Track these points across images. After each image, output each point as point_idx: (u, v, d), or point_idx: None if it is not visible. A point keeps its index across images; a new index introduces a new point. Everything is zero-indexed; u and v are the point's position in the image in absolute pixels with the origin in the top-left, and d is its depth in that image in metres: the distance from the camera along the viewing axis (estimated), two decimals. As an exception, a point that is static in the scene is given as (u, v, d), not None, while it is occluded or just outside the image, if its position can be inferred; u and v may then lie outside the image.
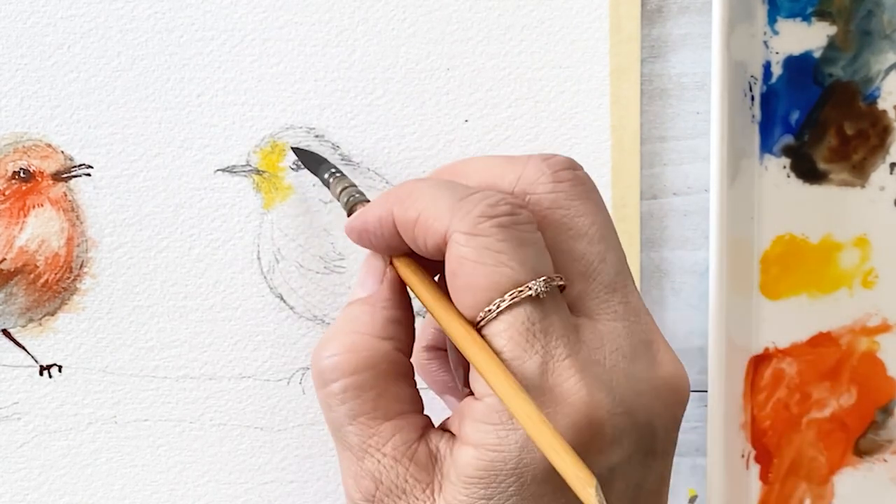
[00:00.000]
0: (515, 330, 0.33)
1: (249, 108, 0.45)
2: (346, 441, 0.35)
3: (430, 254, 0.35)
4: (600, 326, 0.35)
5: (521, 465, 0.33)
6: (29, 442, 0.46)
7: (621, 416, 0.34)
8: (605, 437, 0.33)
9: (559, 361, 0.33)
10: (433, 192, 0.35)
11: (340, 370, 0.35)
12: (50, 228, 0.45)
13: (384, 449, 0.35)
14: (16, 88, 0.44)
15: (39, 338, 0.46)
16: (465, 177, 0.37)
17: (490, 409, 0.33)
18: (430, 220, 0.34)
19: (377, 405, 0.35)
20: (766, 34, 0.48)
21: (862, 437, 0.51)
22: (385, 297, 0.37)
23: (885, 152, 0.49)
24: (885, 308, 0.50)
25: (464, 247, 0.34)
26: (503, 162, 0.36)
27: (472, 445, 0.34)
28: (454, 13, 0.46)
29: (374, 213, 0.37)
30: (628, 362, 0.35)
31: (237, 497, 0.47)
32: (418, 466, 0.35)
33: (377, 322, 0.36)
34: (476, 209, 0.34)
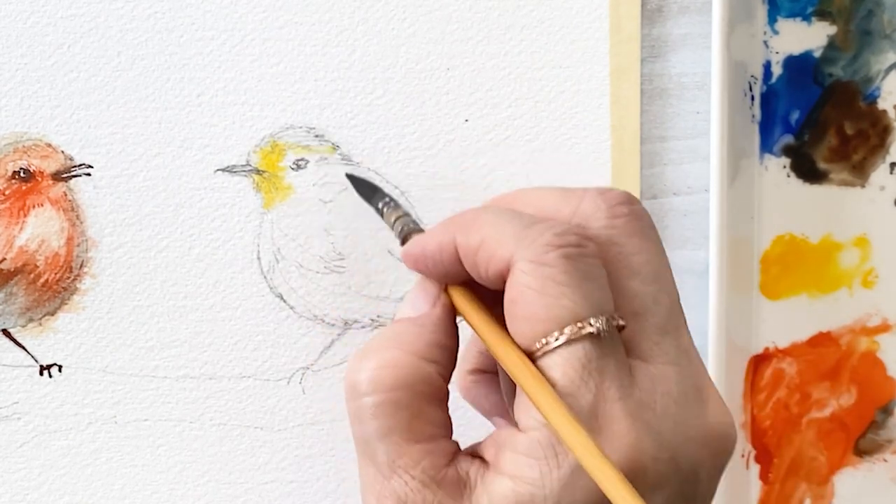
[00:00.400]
0: (571, 366, 0.33)
1: (249, 108, 0.45)
2: (373, 457, 0.35)
3: (491, 281, 0.35)
4: (652, 369, 0.34)
5: (562, 502, 0.33)
6: (29, 442, 0.46)
7: (666, 462, 0.33)
8: (648, 482, 0.33)
9: (611, 403, 0.33)
10: (497, 219, 0.35)
11: (379, 384, 0.34)
12: (50, 228, 0.45)
13: (413, 471, 0.34)
14: (16, 88, 0.44)
15: (39, 338, 0.46)
16: (521, 207, 0.36)
17: (535, 443, 0.33)
18: (494, 247, 0.34)
19: (411, 426, 0.34)
20: (766, 34, 0.48)
21: (862, 437, 0.51)
22: (435, 320, 0.36)
23: (885, 152, 0.49)
24: (885, 308, 0.50)
25: (527, 275, 0.33)
26: (559, 194, 0.36)
27: (509, 477, 0.33)
28: (454, 13, 0.46)
29: (434, 240, 0.36)
30: (678, 408, 0.34)
31: (237, 497, 0.47)
32: (446, 492, 0.34)
33: (423, 343, 0.35)
34: (542, 238, 0.33)
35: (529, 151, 0.46)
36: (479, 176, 0.46)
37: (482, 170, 0.46)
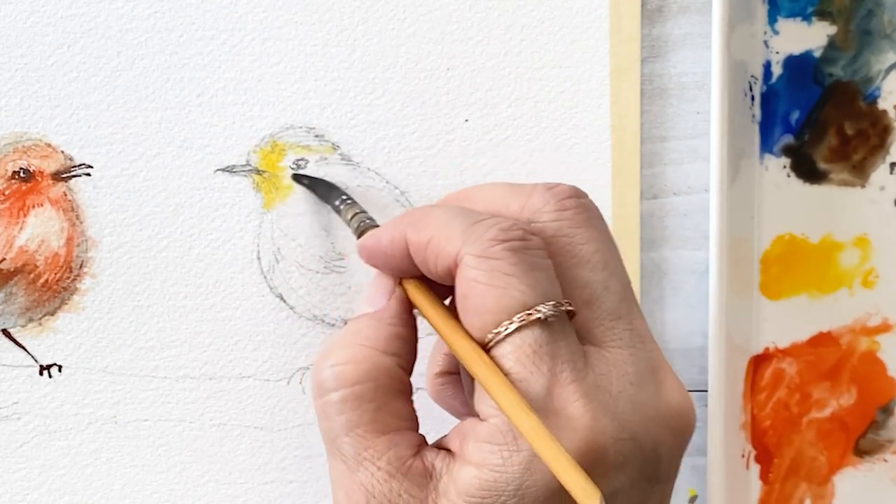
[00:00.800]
0: (522, 352, 0.33)
1: (249, 108, 0.45)
2: (340, 452, 0.35)
3: (440, 277, 0.36)
4: (606, 353, 0.35)
5: (524, 486, 0.33)
6: (29, 442, 0.46)
7: (626, 441, 0.34)
8: (609, 462, 0.33)
9: (565, 385, 0.33)
10: (446, 216, 0.36)
11: (342, 380, 0.35)
12: (50, 228, 0.45)
13: (379, 462, 0.35)
14: (16, 88, 0.44)
15: (39, 338, 0.46)
16: (471, 204, 0.37)
17: (495, 430, 0.33)
18: (442, 244, 0.35)
19: (375, 418, 0.35)
20: (767, 34, 0.48)
21: (862, 437, 0.51)
22: (392, 313, 0.37)
23: (886, 152, 0.49)
24: (885, 308, 0.50)
25: (474, 269, 0.34)
26: (508, 190, 0.37)
27: (473, 465, 0.34)
28: (454, 13, 0.46)
29: (387, 235, 0.37)
30: (635, 389, 0.35)
31: (237, 497, 0.47)
32: (412, 482, 0.35)
33: (382, 336, 0.36)
34: (488, 233, 0.34)
35: (529, 151, 0.46)
36: (479, 176, 0.46)
37: (482, 170, 0.46)
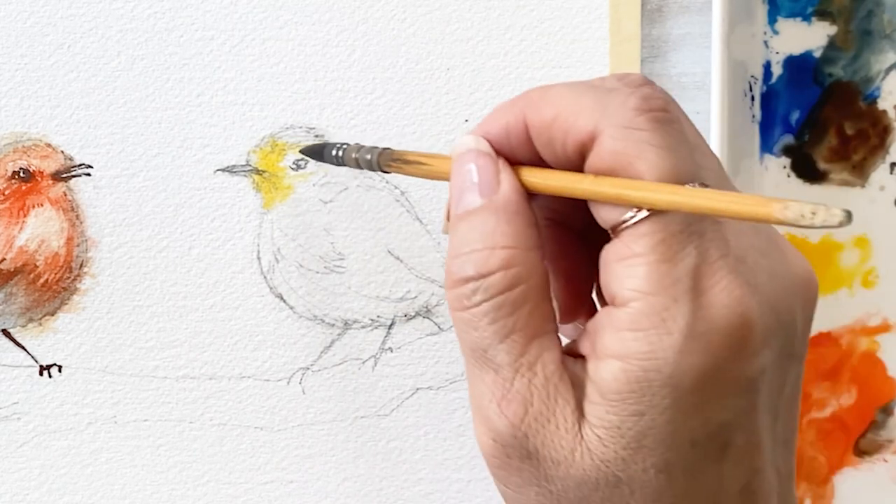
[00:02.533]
0: (669, 231, 0.31)
1: (249, 108, 0.45)
2: (492, 362, 0.33)
3: (569, 157, 0.33)
4: (732, 228, 0.33)
5: (678, 371, 0.31)
6: (29, 442, 0.46)
7: (769, 315, 0.32)
8: (757, 338, 0.32)
9: (712, 263, 0.32)
10: (572, 90, 0.33)
11: (496, 288, 0.33)
12: (50, 228, 0.45)
13: (535, 368, 0.32)
14: (16, 88, 0.44)
15: (39, 338, 0.46)
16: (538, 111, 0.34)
17: (638, 314, 0.31)
18: (573, 118, 0.32)
19: (528, 322, 0.33)
20: (767, 34, 0.48)
21: (862, 437, 0.51)
22: (517, 199, 0.34)
23: (885, 152, 0.49)
24: (885, 308, 0.50)
25: (620, 141, 0.32)
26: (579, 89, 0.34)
27: (616, 357, 0.31)
28: (454, 13, 0.46)
29: (499, 122, 0.34)
30: (767, 260, 0.33)
31: (237, 497, 0.47)
32: (566, 387, 0.32)
33: (519, 230, 0.33)
34: (629, 102, 0.32)
35: (529, 151, 0.46)
36: (479, 176, 0.46)
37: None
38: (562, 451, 0.32)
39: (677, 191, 0.31)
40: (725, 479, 0.33)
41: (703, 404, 0.32)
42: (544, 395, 0.33)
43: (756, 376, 0.32)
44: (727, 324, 0.31)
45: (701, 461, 0.32)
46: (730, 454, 0.33)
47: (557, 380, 0.33)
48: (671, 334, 0.31)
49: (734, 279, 0.32)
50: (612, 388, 0.32)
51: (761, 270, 0.33)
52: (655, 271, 0.31)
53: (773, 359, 0.33)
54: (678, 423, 0.32)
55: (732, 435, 0.33)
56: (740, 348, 0.32)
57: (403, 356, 0.47)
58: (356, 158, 0.39)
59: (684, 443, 0.32)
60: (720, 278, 0.32)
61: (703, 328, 0.31)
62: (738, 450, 0.33)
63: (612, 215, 0.32)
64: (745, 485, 0.33)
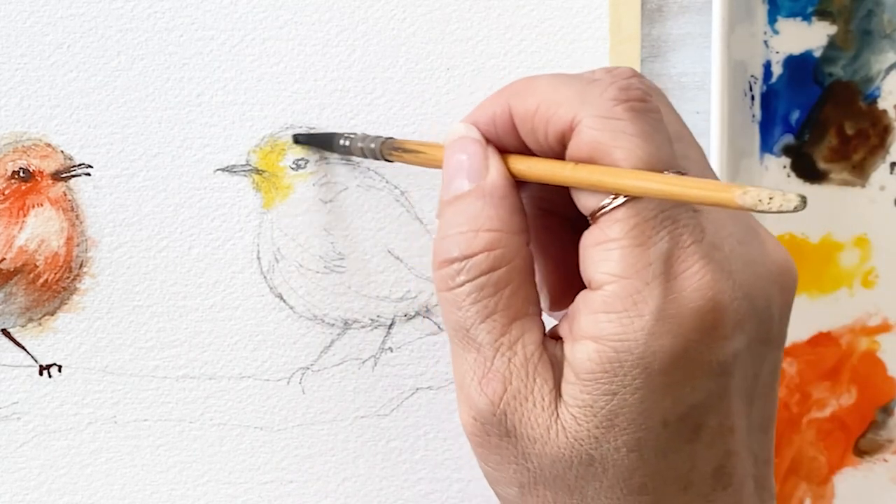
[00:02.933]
0: (643, 217, 0.32)
1: (249, 108, 0.45)
2: (474, 341, 0.34)
3: (550, 145, 0.34)
4: (709, 215, 0.34)
5: (649, 352, 0.32)
6: (29, 442, 0.46)
7: (742, 300, 0.33)
8: (728, 323, 0.33)
9: (685, 248, 0.32)
10: (554, 80, 0.34)
11: (477, 268, 0.34)
12: (49, 228, 0.45)
13: (515, 347, 0.34)
14: (15, 88, 0.44)
15: (39, 338, 0.46)
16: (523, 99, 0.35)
17: (611, 297, 0.32)
18: (554, 108, 0.33)
19: (510, 303, 0.34)
20: (767, 34, 0.48)
21: (862, 437, 0.51)
22: (503, 184, 0.35)
23: (886, 152, 0.49)
24: (885, 308, 0.50)
25: (596, 130, 0.33)
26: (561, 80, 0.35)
27: (590, 339, 0.32)
28: (454, 13, 0.46)
29: (487, 111, 0.35)
30: (743, 247, 0.34)
31: (237, 497, 0.47)
32: (545, 367, 0.33)
33: (505, 214, 0.34)
34: (607, 92, 0.33)
35: (529, 151, 0.46)
36: (479, 176, 0.46)
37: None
38: (538, 429, 0.33)
39: (646, 177, 0.32)
40: (698, 460, 0.33)
41: (673, 385, 0.32)
42: (523, 374, 0.33)
43: (728, 360, 0.33)
44: (697, 307, 0.32)
45: (672, 441, 0.33)
46: (702, 436, 0.33)
47: (537, 360, 0.34)
48: (642, 316, 0.32)
49: (706, 264, 0.33)
50: (585, 368, 0.32)
51: (737, 257, 0.34)
52: (629, 255, 0.32)
53: (746, 344, 0.34)
54: (649, 403, 0.32)
55: (705, 417, 0.33)
56: (711, 331, 0.32)
57: (403, 356, 0.47)
58: (361, 147, 0.41)
59: (655, 423, 0.33)
60: (692, 263, 0.32)
61: (673, 311, 0.32)
62: (711, 431, 0.33)
63: (590, 202, 0.33)
64: (717, 466, 0.34)
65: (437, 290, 0.35)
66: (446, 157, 0.36)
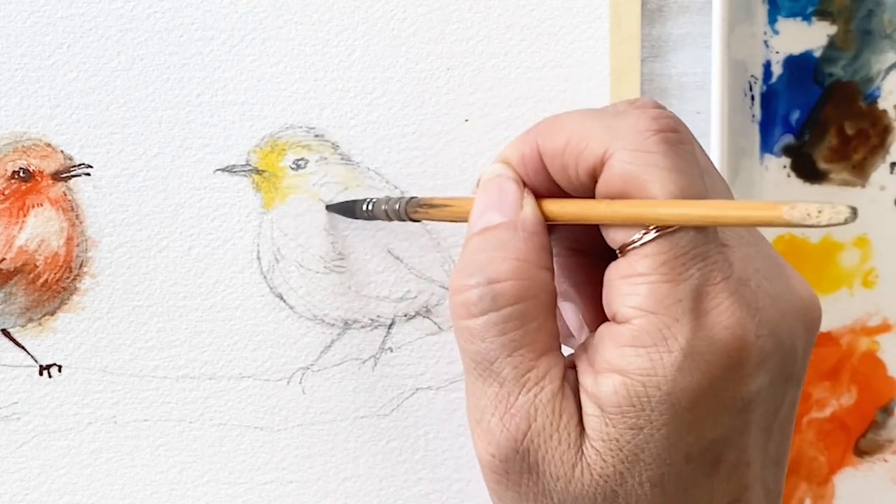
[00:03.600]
0: (673, 254, 0.32)
1: (249, 108, 0.45)
2: (497, 375, 0.33)
3: (581, 181, 0.34)
4: (737, 251, 0.33)
5: (677, 389, 0.32)
6: (29, 442, 0.46)
7: (767, 338, 0.33)
8: (753, 360, 0.32)
9: (714, 284, 0.32)
10: (581, 115, 0.34)
11: (505, 297, 0.33)
12: (49, 228, 0.45)
13: (542, 383, 0.33)
14: (15, 88, 0.44)
15: (39, 338, 0.46)
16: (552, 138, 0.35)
17: (640, 331, 0.32)
18: (584, 143, 0.33)
19: (536, 338, 0.33)
20: (767, 34, 0.48)
21: (862, 437, 0.51)
22: (534, 221, 0.34)
23: (886, 152, 0.49)
24: (885, 308, 0.50)
25: (629, 164, 0.32)
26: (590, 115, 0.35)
27: (617, 372, 0.32)
28: (454, 13, 0.46)
29: (516, 152, 0.35)
30: (769, 284, 0.34)
31: (237, 497, 0.47)
32: (569, 403, 0.33)
33: (534, 248, 0.34)
34: (639, 123, 0.33)
35: (529, 151, 0.46)
36: (479, 176, 0.46)
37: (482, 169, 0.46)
38: (562, 467, 0.33)
39: (687, 205, 0.32)
40: (715, 494, 0.33)
41: (698, 421, 0.32)
42: (549, 410, 0.33)
43: (751, 397, 0.33)
44: (725, 345, 0.32)
45: (693, 476, 0.33)
46: (720, 469, 0.33)
47: (562, 396, 0.33)
48: (671, 352, 0.32)
49: (735, 301, 0.32)
50: (612, 402, 0.32)
51: (764, 294, 0.33)
52: (658, 290, 0.32)
53: (769, 381, 0.33)
54: (674, 439, 0.32)
55: (724, 451, 0.33)
56: (737, 369, 0.32)
57: (403, 356, 0.47)
58: (385, 210, 0.41)
59: (679, 458, 0.33)
60: (722, 300, 0.32)
61: (701, 348, 0.32)
62: (729, 465, 0.33)
63: (620, 236, 0.33)
64: (733, 500, 0.34)
65: (454, 318, 0.34)
66: (479, 194, 0.36)
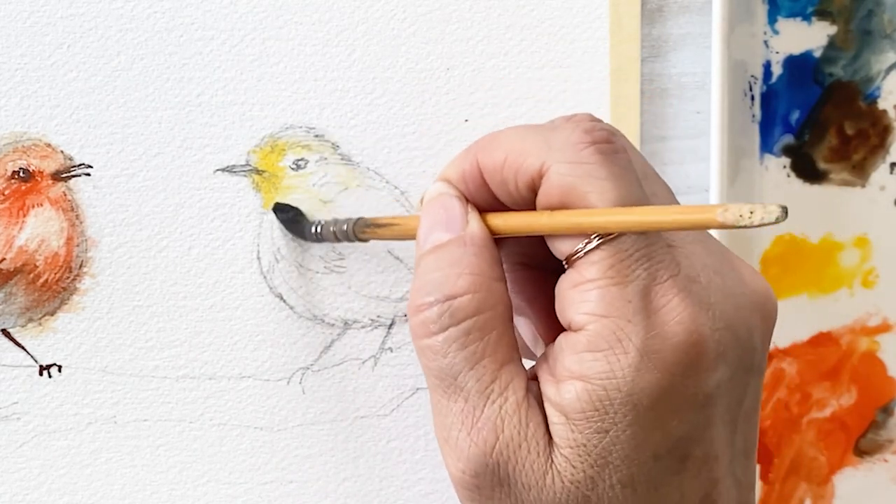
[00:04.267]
0: (618, 258, 0.32)
1: (249, 108, 0.45)
2: (462, 390, 0.33)
3: (520, 194, 0.34)
4: (683, 250, 0.34)
5: (637, 389, 0.32)
6: (29, 442, 0.46)
7: (723, 331, 0.33)
8: (710, 355, 0.33)
9: (662, 283, 0.33)
10: (518, 131, 0.35)
11: (464, 311, 0.34)
12: (49, 228, 0.45)
13: (506, 394, 0.33)
14: (15, 88, 0.44)
15: (39, 338, 0.46)
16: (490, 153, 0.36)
17: (595, 336, 0.32)
18: (521, 157, 0.34)
19: (497, 349, 0.34)
20: (767, 34, 0.48)
21: (862, 437, 0.51)
22: (482, 236, 0.35)
23: (886, 152, 0.49)
24: (885, 308, 0.50)
25: (567, 176, 0.33)
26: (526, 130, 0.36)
27: (578, 378, 0.32)
28: (454, 13, 0.46)
29: (457, 169, 0.36)
30: (720, 278, 0.34)
31: (237, 497, 0.47)
32: (535, 412, 0.33)
33: (486, 261, 0.34)
34: (572, 136, 0.33)
35: (529, 151, 0.46)
36: (479, 176, 0.46)
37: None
38: (533, 476, 0.33)
39: (623, 212, 0.32)
40: (686, 490, 0.34)
41: (662, 419, 0.33)
42: (515, 420, 0.33)
43: (711, 391, 0.33)
44: (680, 341, 0.32)
45: (662, 474, 0.33)
46: (688, 466, 0.33)
47: (527, 405, 0.33)
48: (627, 353, 0.32)
49: (685, 298, 0.33)
50: (575, 408, 0.32)
51: (716, 289, 0.34)
52: (607, 294, 0.33)
53: (729, 374, 0.34)
54: (640, 439, 0.33)
55: (690, 448, 0.33)
56: (694, 365, 0.33)
57: (403, 356, 0.47)
58: (334, 232, 0.42)
59: (647, 457, 0.33)
60: (671, 298, 0.33)
61: (657, 346, 0.32)
62: (697, 461, 0.34)
63: (565, 247, 0.34)
64: (704, 495, 0.34)
65: (414, 337, 0.34)
66: (424, 214, 0.36)
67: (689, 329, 0.32)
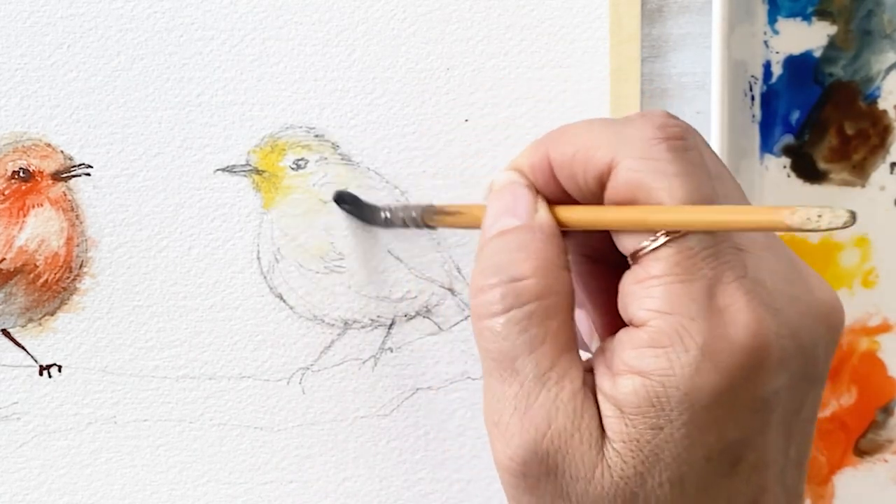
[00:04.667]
0: (684, 255, 0.32)
1: (249, 108, 0.45)
2: (518, 374, 0.33)
3: (589, 188, 0.34)
4: (752, 254, 0.34)
5: (694, 388, 0.32)
6: (29, 442, 0.46)
7: (787, 338, 0.33)
8: (772, 360, 0.32)
9: (727, 284, 0.32)
10: (589, 125, 0.35)
11: (528, 294, 0.33)
12: (49, 228, 0.45)
13: (563, 382, 0.33)
14: (15, 88, 0.44)
15: (39, 338, 0.46)
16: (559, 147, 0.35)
17: (657, 333, 0.32)
18: (591, 151, 0.34)
19: (558, 336, 0.33)
20: (767, 34, 0.48)
21: (862, 437, 0.51)
22: (551, 223, 0.35)
23: (886, 152, 0.49)
24: (885, 308, 0.50)
25: (636, 172, 0.33)
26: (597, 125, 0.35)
27: (636, 373, 0.32)
28: (454, 13, 0.46)
29: (527, 161, 0.36)
30: (787, 285, 0.34)
31: (237, 497, 0.47)
32: (590, 403, 0.33)
33: (553, 248, 0.34)
34: (645, 132, 0.33)
35: (529, 151, 0.46)
36: (479, 176, 0.46)
37: (482, 170, 0.46)
38: (583, 468, 0.33)
39: (691, 210, 0.32)
40: (734, 495, 0.33)
41: (717, 421, 0.32)
42: (570, 409, 0.33)
43: (770, 397, 0.33)
44: (743, 344, 0.32)
45: (712, 476, 0.33)
46: (739, 471, 0.33)
47: (583, 396, 0.33)
48: (688, 351, 0.32)
49: (750, 300, 0.32)
50: (631, 403, 0.32)
51: (781, 295, 0.33)
52: (672, 291, 0.32)
53: (789, 381, 0.33)
54: (694, 439, 0.32)
55: (743, 452, 0.33)
56: (756, 369, 0.32)
57: (403, 356, 0.47)
58: (403, 218, 0.42)
59: (699, 458, 0.32)
60: (736, 299, 0.32)
61: (719, 346, 0.32)
62: (748, 466, 0.33)
63: (631, 243, 0.33)
64: (751, 501, 0.34)
65: (475, 319, 0.34)
66: (492, 200, 0.36)
67: (754, 332, 0.32)
